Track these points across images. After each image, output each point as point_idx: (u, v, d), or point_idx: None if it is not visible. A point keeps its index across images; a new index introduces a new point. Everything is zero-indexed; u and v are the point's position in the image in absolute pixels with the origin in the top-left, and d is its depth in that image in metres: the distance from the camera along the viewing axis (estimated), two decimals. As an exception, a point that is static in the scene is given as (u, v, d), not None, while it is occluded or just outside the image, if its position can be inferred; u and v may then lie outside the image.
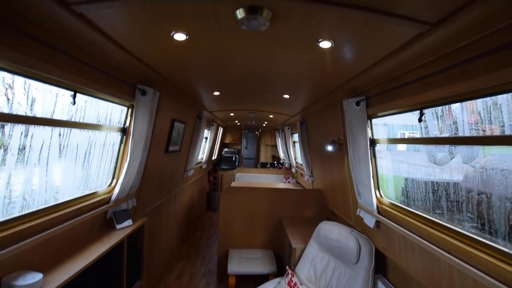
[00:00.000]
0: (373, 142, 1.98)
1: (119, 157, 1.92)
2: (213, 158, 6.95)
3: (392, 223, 1.71)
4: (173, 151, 3.15)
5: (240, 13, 1.04)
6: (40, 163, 1.37)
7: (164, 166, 3.00)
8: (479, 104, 1.26)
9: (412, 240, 1.53)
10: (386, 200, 1.94)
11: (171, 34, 1.23)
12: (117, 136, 1.92)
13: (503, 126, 1.14)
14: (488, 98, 1.15)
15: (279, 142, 7.36)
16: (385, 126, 2.02)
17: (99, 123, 1.70)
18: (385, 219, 1.81)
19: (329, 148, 2.54)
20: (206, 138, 5.53)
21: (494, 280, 1.03)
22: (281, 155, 7.59)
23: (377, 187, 1.99)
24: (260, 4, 0.99)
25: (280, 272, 3.16)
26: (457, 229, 1.29)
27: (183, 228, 4.31)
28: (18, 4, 0.95)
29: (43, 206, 1.33)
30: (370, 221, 2.00)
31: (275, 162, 8.20)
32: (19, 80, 1.20)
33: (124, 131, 1.91)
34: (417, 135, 1.75)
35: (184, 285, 3.22)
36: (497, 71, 0.93)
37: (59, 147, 1.45)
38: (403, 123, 2.02)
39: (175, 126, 2.96)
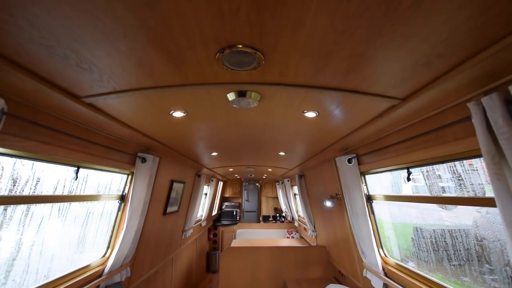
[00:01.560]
0: (370, 198, 1.99)
1: (116, 225, 1.90)
2: (213, 213, 6.77)
3: (400, 287, 1.61)
4: (172, 212, 3.11)
5: (231, 96, 1.18)
6: (36, 240, 1.36)
7: (161, 229, 2.92)
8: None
9: (423, 308, 1.42)
10: (391, 260, 1.85)
11: (170, 113, 1.37)
12: (115, 204, 1.94)
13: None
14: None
15: (280, 194, 7.26)
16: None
17: (99, 193, 1.74)
18: (393, 282, 1.71)
19: (328, 204, 2.53)
20: (206, 194, 5.49)
21: None
22: (283, 207, 7.41)
23: (380, 245, 1.93)
24: (248, 89, 1.14)
25: None
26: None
27: (181, 296, 3.97)
28: (36, 102, 1.09)
29: (32, 287, 1.28)
30: (377, 284, 1.87)
31: (277, 215, 7.96)
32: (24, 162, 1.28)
33: (122, 198, 1.94)
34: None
35: None
36: (466, 138, 1.02)
37: (57, 219, 1.46)
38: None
39: (174, 187, 2.99)
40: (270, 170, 4.80)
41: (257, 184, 9.56)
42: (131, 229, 1.88)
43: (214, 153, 2.78)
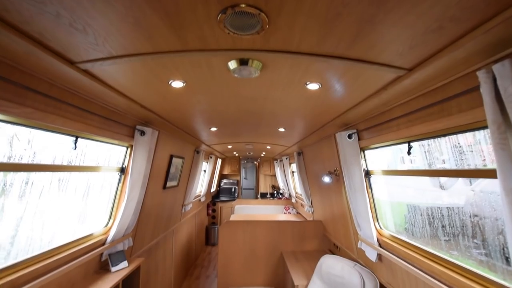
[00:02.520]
0: (368, 174, 2.01)
1: (117, 197, 1.93)
2: (211, 190, 6.89)
3: (394, 257, 1.68)
4: (171, 186, 3.15)
5: (232, 65, 1.14)
6: (38, 207, 1.38)
7: (161, 203, 2.98)
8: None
9: (415, 275, 1.49)
10: (386, 232, 1.92)
11: (169, 82, 1.33)
12: (115, 176, 1.95)
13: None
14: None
15: (278, 172, 7.36)
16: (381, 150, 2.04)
17: (98, 165, 1.74)
18: (386, 252, 1.78)
19: (326, 179, 2.56)
20: (205, 171, 5.54)
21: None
22: (281, 184, 7.55)
23: (376, 218, 1.98)
24: (250, 57, 1.09)
25: (283, 313, 2.99)
26: (459, 263, 1.27)
27: (181, 267, 4.14)
28: (30, 66, 1.05)
29: (36, 253, 1.31)
30: (371, 254, 1.95)
31: (275, 192, 8.12)
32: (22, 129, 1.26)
33: (122, 170, 1.95)
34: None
35: (181, 331, 3.01)
36: (471, 110, 1.01)
37: (58, 190, 1.47)
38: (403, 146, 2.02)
39: (173, 162, 3.00)
40: (268, 147, 4.82)
41: (255, 162, 9.63)
42: (132, 201, 1.90)
43: (213, 129, 2.76)
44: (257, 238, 3.33)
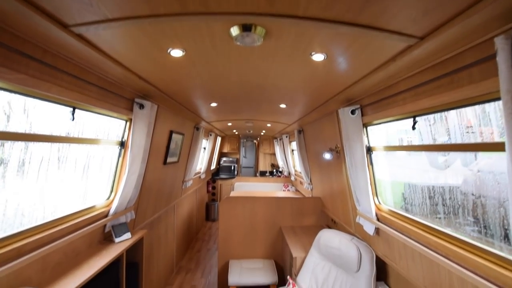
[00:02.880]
0: (370, 150, 2.00)
1: (117, 171, 1.93)
2: (211, 168, 6.95)
3: (392, 230, 1.72)
4: (172, 162, 3.16)
5: (234, 31, 1.08)
6: (39, 179, 1.38)
7: (162, 178, 3.00)
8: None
9: (411, 247, 1.53)
10: (384, 207, 1.95)
11: (168, 51, 1.27)
12: (115, 150, 1.93)
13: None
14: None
15: (278, 150, 7.38)
16: (380, 131, 2.04)
17: (97, 138, 1.72)
18: (384, 226, 1.82)
19: (327, 156, 2.56)
20: (204, 148, 5.55)
21: (493, 285, 1.03)
22: (280, 163, 7.60)
23: (375, 194, 2.00)
24: (254, 22, 1.03)
25: (281, 282, 3.13)
26: (455, 235, 1.30)
27: (182, 240, 4.27)
28: (21, 29, 0.99)
29: (41, 222, 1.33)
30: (369, 228, 2.00)
31: (274, 170, 8.21)
32: (18, 98, 1.22)
33: (122, 144, 1.93)
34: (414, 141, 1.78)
35: (184, 299, 3.18)
36: (483, 81, 0.97)
37: (58, 162, 1.46)
38: (402, 128, 2.03)
39: (173, 138, 2.98)
40: (269, 125, 4.79)
41: (254, 141, 9.63)
42: (133, 175, 1.91)
43: (213, 104, 2.71)
44: (256, 213, 3.40)
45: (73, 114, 1.38)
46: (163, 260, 3.29)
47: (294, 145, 5.44)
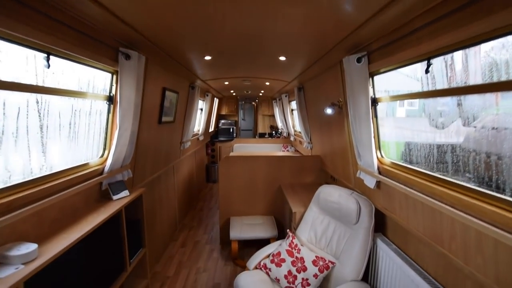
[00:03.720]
0: (375, 101, 1.89)
1: (109, 127, 1.83)
2: (210, 130, 6.86)
3: (393, 182, 1.69)
4: (167, 122, 3.05)
5: None
6: (20, 134, 1.28)
7: (158, 138, 2.92)
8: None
9: (413, 197, 1.51)
10: (387, 160, 1.90)
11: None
12: (104, 106, 1.81)
13: None
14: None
15: (277, 111, 7.23)
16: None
17: (82, 90, 1.58)
18: (386, 178, 1.78)
19: (328, 111, 2.45)
20: (201, 110, 5.40)
21: (498, 229, 1.01)
22: (279, 124, 7.51)
23: (378, 147, 1.94)
24: None
25: (281, 236, 3.25)
26: (460, 183, 1.26)
27: (184, 200, 4.36)
28: None
29: (32, 178, 1.27)
30: (370, 182, 1.98)
31: (273, 132, 8.15)
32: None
33: (110, 99, 1.80)
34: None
35: (188, 252, 3.33)
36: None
37: (39, 116, 1.35)
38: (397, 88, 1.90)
39: (166, 96, 2.83)
40: (267, 84, 4.58)
41: (253, 103, 9.40)
42: (125, 132, 1.81)
43: (208, 57, 2.51)
44: (256, 172, 3.40)
45: (47, 61, 1.23)
46: (166, 218, 3.38)
47: (293, 104, 5.28)
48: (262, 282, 2.04)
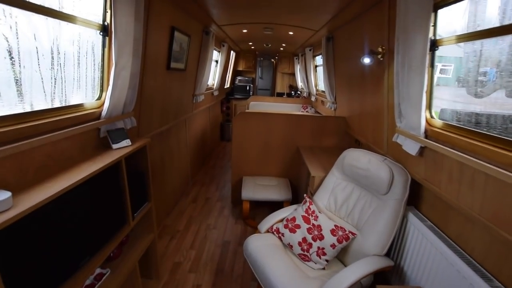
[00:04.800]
0: (434, 44, 1.46)
1: (105, 65, 1.55)
2: (225, 86, 6.49)
3: (446, 148, 1.35)
4: (177, 69, 2.73)
5: None
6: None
7: (167, 86, 2.64)
8: None
9: (473, 167, 1.19)
10: (438, 121, 1.54)
11: None
12: (98, 37, 1.51)
13: None
14: None
15: (298, 69, 6.66)
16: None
17: (67, 12, 1.28)
18: (435, 143, 1.45)
19: (366, 60, 2.03)
20: (217, 62, 4.98)
21: None
22: (299, 83, 6.98)
23: (429, 105, 1.57)
24: None
25: (295, 201, 3.09)
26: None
27: (197, 156, 4.24)
28: None
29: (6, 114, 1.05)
30: (411, 148, 1.65)
31: (292, 92, 7.65)
32: None
33: (105, 30, 1.49)
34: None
35: (199, 208, 3.27)
36: None
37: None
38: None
39: (176, 38, 2.47)
40: (291, 33, 4.03)
41: (272, 60, 8.76)
42: (124, 71, 1.53)
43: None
44: (273, 130, 3.12)
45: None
46: (177, 173, 3.27)
47: (318, 60, 4.74)
48: (273, 247, 1.90)
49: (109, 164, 1.36)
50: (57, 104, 1.38)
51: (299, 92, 6.76)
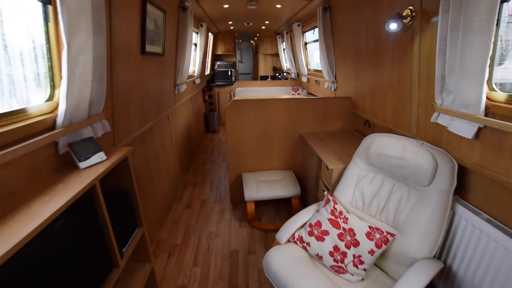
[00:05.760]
0: (504, -7, 1.13)
1: (52, 49, 1.07)
2: (206, 73, 5.93)
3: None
4: (154, 53, 2.23)
5: None
6: None
7: (145, 74, 2.15)
8: None
9: None
10: (500, 93, 1.24)
11: None
12: (36, 5, 1.01)
13: None
14: None
15: (284, 48, 6.21)
16: None
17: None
18: (503, 122, 1.15)
19: (393, 26, 1.67)
20: (196, 45, 4.42)
21: None
22: (286, 64, 6.57)
23: (490, 76, 1.25)
24: None
25: (304, 194, 2.79)
26: None
27: (185, 153, 3.78)
28: None
29: None
30: (465, 129, 1.35)
31: (277, 74, 7.22)
32: None
33: (46, -4, 0.99)
34: None
35: (195, 214, 2.88)
36: None
37: None
38: None
39: (149, 13, 1.96)
40: (279, 6, 3.57)
41: (251, 41, 8.23)
42: (81, 55, 1.06)
43: None
44: (271, 118, 2.74)
45: None
46: (165, 176, 2.83)
47: (308, 36, 4.34)
48: (300, 261, 1.58)
49: (76, 196, 0.92)
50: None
51: (285, 74, 6.34)
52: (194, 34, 4.20)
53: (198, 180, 3.68)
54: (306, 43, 4.36)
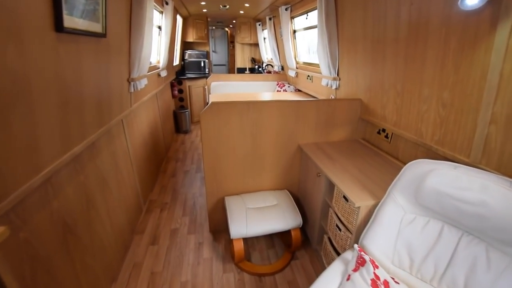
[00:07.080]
0: None
1: None
2: (174, 64, 5.05)
3: None
4: (85, 32, 1.42)
5: None
6: None
7: (69, 66, 1.35)
8: None
9: None
10: None
11: None
12: None
13: None
14: None
15: (266, 37, 5.51)
16: None
17: None
18: None
19: (470, 2, 1.08)
20: (160, 28, 3.56)
21: None
22: (267, 55, 5.88)
23: None
24: None
25: (305, 223, 2.21)
26: None
27: (148, 165, 2.98)
28: None
29: None
30: None
31: (256, 66, 6.52)
32: None
33: None
34: None
35: (163, 253, 2.15)
36: None
37: None
38: None
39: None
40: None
41: (226, 29, 7.41)
42: None
43: None
44: (261, 125, 2.10)
45: None
46: (119, 205, 2.05)
47: (296, 23, 3.69)
48: None
49: None
50: None
51: (266, 66, 5.67)
52: (157, 13, 3.34)
53: (167, 199, 2.92)
54: (295, 31, 3.72)
